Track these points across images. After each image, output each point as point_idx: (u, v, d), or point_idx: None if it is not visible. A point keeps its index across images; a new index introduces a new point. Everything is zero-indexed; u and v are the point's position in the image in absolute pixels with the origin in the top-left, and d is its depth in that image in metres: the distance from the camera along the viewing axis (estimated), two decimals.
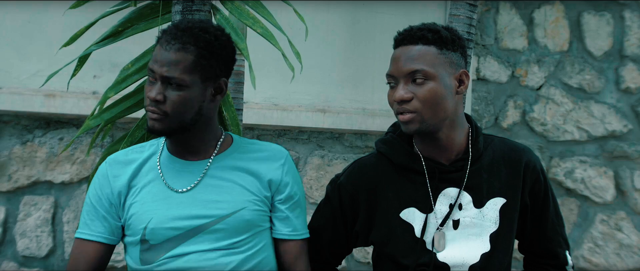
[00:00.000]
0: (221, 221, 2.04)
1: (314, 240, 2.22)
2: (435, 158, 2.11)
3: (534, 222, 2.19)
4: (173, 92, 1.97)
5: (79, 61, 2.63)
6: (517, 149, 2.18)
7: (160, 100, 1.96)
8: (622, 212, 4.57)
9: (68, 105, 3.75)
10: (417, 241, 2.09)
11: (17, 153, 3.80)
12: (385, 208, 2.13)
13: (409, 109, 2.00)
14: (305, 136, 4.15)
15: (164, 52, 1.97)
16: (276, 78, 3.82)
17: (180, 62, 1.96)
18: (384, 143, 2.19)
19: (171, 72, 1.95)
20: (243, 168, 2.11)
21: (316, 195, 4.11)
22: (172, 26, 2.02)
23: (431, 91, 1.98)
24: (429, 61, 1.99)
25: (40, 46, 3.72)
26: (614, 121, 4.57)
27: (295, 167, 2.22)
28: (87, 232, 2.09)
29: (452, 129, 2.08)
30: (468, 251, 2.09)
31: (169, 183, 2.07)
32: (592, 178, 4.54)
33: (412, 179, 2.12)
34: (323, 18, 4.09)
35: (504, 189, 2.12)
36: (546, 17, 4.53)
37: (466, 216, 2.10)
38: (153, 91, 1.97)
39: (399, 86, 2.02)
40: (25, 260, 3.80)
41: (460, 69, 2.05)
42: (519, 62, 4.48)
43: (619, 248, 4.55)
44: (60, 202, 3.86)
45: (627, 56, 4.61)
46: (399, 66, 2.02)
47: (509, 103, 4.47)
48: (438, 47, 2.01)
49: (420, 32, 2.03)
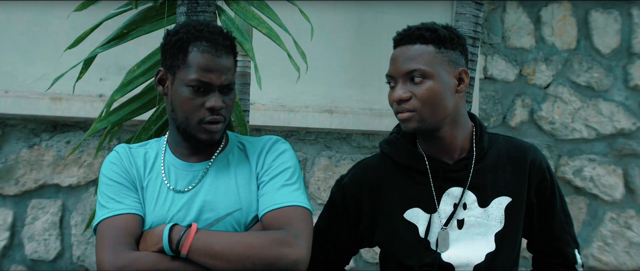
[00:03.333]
0: (222, 220, 2.03)
1: (319, 240, 2.21)
2: (439, 157, 2.11)
3: (541, 221, 2.17)
4: (227, 97, 2.03)
5: (84, 63, 2.62)
6: (522, 147, 2.17)
7: (221, 106, 2.00)
8: (632, 210, 4.55)
9: (74, 108, 3.75)
10: (421, 241, 2.09)
11: (24, 156, 3.80)
12: (389, 208, 2.13)
13: (407, 108, 2.01)
14: (312, 137, 4.14)
15: (218, 59, 2.00)
16: (283, 79, 3.82)
17: (231, 68, 2.04)
18: (388, 143, 2.19)
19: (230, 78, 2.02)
20: (241, 165, 2.11)
21: (324, 196, 4.10)
22: (207, 32, 2.02)
23: (429, 89, 1.99)
24: (427, 60, 2.00)
25: (45, 50, 3.72)
26: (623, 118, 4.55)
27: (291, 150, 2.14)
28: (122, 207, 2.01)
29: (455, 128, 2.08)
30: (473, 251, 2.09)
31: (172, 185, 2.07)
32: (601, 176, 4.51)
33: (415, 179, 2.12)
34: (329, 18, 4.08)
35: (509, 188, 2.11)
36: (553, 15, 4.51)
37: (471, 215, 2.09)
38: (218, 100, 2.01)
39: (397, 85, 2.02)
40: (33, 264, 3.80)
41: (460, 68, 2.05)
42: (527, 60, 4.46)
43: (628, 246, 4.53)
44: (67, 205, 3.86)
45: (635, 54, 4.58)
46: (397, 66, 2.03)
47: (517, 102, 4.45)
48: (436, 46, 2.02)
49: (418, 31, 2.03)
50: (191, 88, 1.98)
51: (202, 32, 2.00)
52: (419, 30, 2.03)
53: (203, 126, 2.00)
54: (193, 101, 1.99)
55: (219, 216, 2.03)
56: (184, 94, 1.99)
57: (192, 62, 1.98)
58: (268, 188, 2.05)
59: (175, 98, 2.02)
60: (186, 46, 1.99)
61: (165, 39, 2.06)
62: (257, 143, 2.15)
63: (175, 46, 2.01)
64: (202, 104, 1.99)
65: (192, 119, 2.00)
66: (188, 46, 1.99)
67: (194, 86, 1.98)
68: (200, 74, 1.97)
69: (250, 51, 2.47)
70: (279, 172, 2.07)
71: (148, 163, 2.11)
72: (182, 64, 1.99)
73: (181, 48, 2.00)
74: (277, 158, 2.09)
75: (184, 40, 2.00)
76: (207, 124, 2.00)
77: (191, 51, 1.98)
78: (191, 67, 1.98)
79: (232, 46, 2.05)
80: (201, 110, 1.99)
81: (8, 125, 3.80)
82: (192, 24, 2.05)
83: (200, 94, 1.98)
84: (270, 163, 2.09)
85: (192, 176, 2.08)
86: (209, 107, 1.98)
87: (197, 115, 1.99)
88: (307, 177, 4.12)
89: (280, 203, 2.00)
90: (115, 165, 2.09)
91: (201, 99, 1.99)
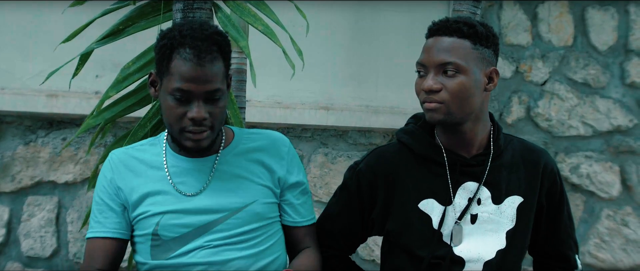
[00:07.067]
0: (232, 215, 2.04)
1: (328, 226, 2.23)
2: (457, 150, 2.11)
3: (549, 224, 2.20)
4: (213, 105, 1.98)
5: (80, 59, 2.62)
6: (536, 150, 2.20)
7: (204, 117, 1.95)
8: (629, 207, 4.55)
9: (70, 105, 3.74)
10: (434, 232, 2.09)
11: (21, 153, 3.79)
12: (404, 197, 2.12)
13: (436, 99, 1.99)
14: (308, 134, 4.14)
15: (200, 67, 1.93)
16: (279, 76, 3.81)
17: (217, 74, 1.97)
18: (406, 132, 2.18)
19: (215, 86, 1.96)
20: (251, 159, 2.11)
21: (320, 193, 4.10)
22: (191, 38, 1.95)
23: (461, 84, 1.98)
24: (463, 55, 1.99)
25: (42, 47, 3.71)
26: (620, 115, 4.54)
27: (296, 154, 2.22)
28: (101, 229, 2.07)
29: (477, 124, 2.08)
30: (484, 246, 2.10)
31: (177, 183, 2.06)
32: (597, 173, 4.51)
33: (432, 171, 2.12)
34: (325, 16, 4.08)
35: (523, 188, 2.13)
36: (550, 12, 4.50)
37: (484, 211, 2.10)
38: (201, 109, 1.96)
39: (428, 75, 2.00)
40: (29, 261, 3.80)
41: (492, 67, 2.05)
42: (523, 57, 4.46)
43: (625, 244, 4.53)
44: (64, 202, 3.86)
45: (632, 51, 4.58)
46: (431, 56, 2.01)
47: (514, 99, 4.45)
48: (472, 42, 2.00)
49: (456, 24, 2.01)
50: (173, 97, 1.94)
51: (187, 38, 1.93)
52: (457, 24, 2.01)
53: (186, 134, 1.96)
54: (175, 109, 1.94)
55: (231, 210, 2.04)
56: (168, 102, 1.96)
57: (174, 71, 1.93)
58: (303, 198, 2.19)
59: (162, 104, 2.00)
60: (170, 52, 1.94)
61: (156, 42, 2.02)
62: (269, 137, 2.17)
63: (161, 52, 1.97)
64: (185, 114, 1.94)
65: (175, 126, 1.96)
66: (172, 53, 1.94)
67: (175, 95, 1.93)
68: (182, 83, 1.91)
69: (246, 48, 2.46)
70: (306, 184, 2.20)
71: (150, 165, 2.10)
72: (166, 71, 1.95)
73: (165, 54, 1.95)
74: (300, 166, 2.19)
75: (168, 46, 1.94)
76: (190, 133, 1.96)
77: (174, 59, 1.93)
78: (173, 75, 1.93)
79: (221, 49, 1.97)
80: (184, 119, 1.95)
81: (4, 122, 3.79)
82: (180, 27, 1.99)
83: (183, 103, 1.94)
84: (297, 173, 2.17)
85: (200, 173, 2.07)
86: (191, 117, 1.93)
87: (179, 124, 1.95)
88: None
89: (311, 220, 2.21)
90: (105, 178, 2.10)
91: (183, 109, 1.94)
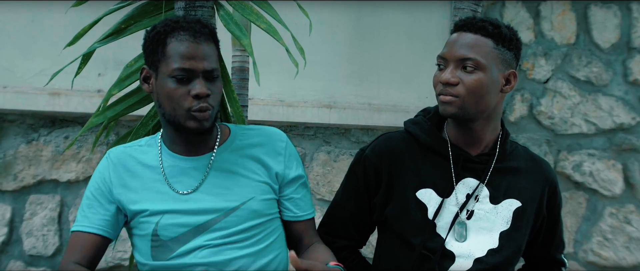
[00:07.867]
0: (230, 213, 2.04)
1: (339, 213, 2.26)
2: (463, 147, 2.14)
3: (547, 232, 2.27)
4: (212, 84, 2.02)
5: (82, 58, 2.62)
6: (539, 160, 2.26)
7: (207, 93, 1.99)
8: (631, 205, 4.55)
9: (73, 103, 3.74)
10: (428, 222, 2.11)
11: (23, 152, 3.79)
12: (404, 184, 2.15)
13: (452, 92, 2.02)
14: (311, 132, 4.14)
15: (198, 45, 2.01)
16: (282, 74, 3.80)
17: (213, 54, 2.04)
18: (414, 123, 2.22)
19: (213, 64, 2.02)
20: (247, 155, 2.12)
21: (323, 191, 4.10)
22: (183, 22, 2.03)
23: (478, 81, 2.01)
24: (484, 52, 2.02)
25: (44, 45, 3.72)
26: (622, 113, 4.54)
27: (294, 147, 2.23)
28: (87, 224, 2.08)
29: (487, 124, 2.11)
30: (477, 243, 2.12)
31: (174, 183, 2.06)
32: (600, 171, 4.51)
33: (435, 162, 2.15)
34: (327, 15, 4.07)
35: (523, 194, 2.17)
36: (553, 10, 4.50)
37: (481, 208, 2.13)
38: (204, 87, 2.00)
39: (447, 68, 2.04)
40: (31, 259, 3.80)
41: (511, 69, 2.08)
42: (526, 55, 4.46)
43: (628, 242, 4.52)
44: (66, 201, 3.86)
45: (635, 48, 4.58)
46: (453, 50, 2.04)
47: (516, 97, 4.44)
48: (495, 42, 2.03)
49: (481, 23, 2.05)
50: (174, 78, 1.97)
51: (179, 23, 2.00)
52: (483, 22, 2.05)
53: (191, 114, 1.98)
54: (178, 90, 1.97)
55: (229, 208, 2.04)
56: (169, 85, 1.98)
57: (172, 52, 1.97)
58: (303, 192, 2.20)
59: (160, 93, 2.01)
60: (164, 38, 1.99)
61: (144, 38, 2.06)
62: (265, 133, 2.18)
63: (154, 41, 2.01)
64: (188, 93, 1.97)
65: (179, 109, 1.98)
66: (166, 38, 1.99)
67: (177, 75, 1.97)
68: (182, 62, 1.96)
69: (248, 47, 2.46)
70: (305, 178, 2.21)
71: (146, 164, 2.10)
72: (163, 56, 1.99)
73: (160, 41, 1.99)
74: (298, 161, 2.20)
75: (162, 33, 2.00)
76: (195, 112, 1.98)
77: (170, 43, 1.98)
78: (172, 57, 1.97)
79: (211, 33, 2.04)
80: (188, 98, 1.97)
81: (6, 120, 3.79)
82: (167, 20, 2.05)
83: (184, 83, 1.97)
84: (296, 168, 2.18)
85: (196, 171, 2.07)
86: (195, 94, 1.96)
87: (183, 105, 1.97)
88: (306, 172, 4.11)
89: (311, 214, 2.22)
90: (100, 176, 2.11)
91: (186, 88, 1.97)
